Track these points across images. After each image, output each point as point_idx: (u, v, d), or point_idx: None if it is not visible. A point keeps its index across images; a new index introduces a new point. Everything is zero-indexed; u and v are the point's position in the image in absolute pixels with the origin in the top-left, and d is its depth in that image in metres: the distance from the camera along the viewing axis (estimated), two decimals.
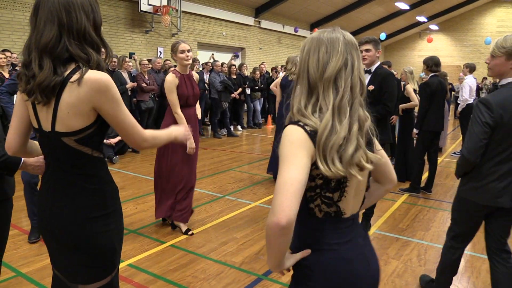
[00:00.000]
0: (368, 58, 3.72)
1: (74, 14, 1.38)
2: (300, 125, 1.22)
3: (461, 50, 23.91)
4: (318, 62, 1.27)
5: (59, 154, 1.48)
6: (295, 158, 1.17)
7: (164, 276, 3.13)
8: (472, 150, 2.31)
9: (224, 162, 7.27)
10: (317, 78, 1.26)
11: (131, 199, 4.98)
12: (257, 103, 11.52)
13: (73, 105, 1.38)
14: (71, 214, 1.48)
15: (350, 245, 1.32)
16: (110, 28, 10.28)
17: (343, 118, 1.22)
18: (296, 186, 1.14)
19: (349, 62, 1.28)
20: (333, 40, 1.30)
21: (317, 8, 17.12)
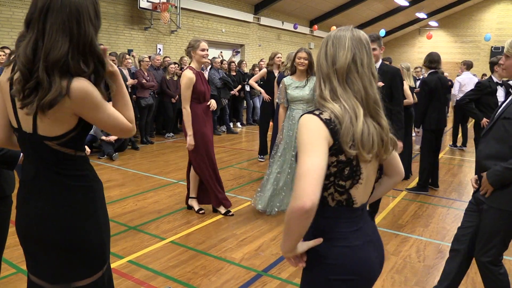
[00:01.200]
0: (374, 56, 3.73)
1: (83, 25, 1.34)
2: (315, 114, 1.30)
3: (461, 47, 23.88)
4: (326, 55, 1.39)
5: (41, 155, 1.45)
6: (315, 145, 1.24)
7: (164, 272, 3.15)
8: None
9: (224, 159, 7.28)
10: (329, 69, 1.37)
11: (131, 195, 4.99)
12: (257, 100, 11.51)
13: (53, 113, 1.34)
14: (58, 213, 1.45)
15: (360, 233, 1.39)
16: (109, 25, 10.26)
17: (360, 108, 1.33)
18: (319, 172, 1.20)
19: (357, 57, 1.37)
20: (340, 36, 1.40)
21: (316, 4, 17.09)
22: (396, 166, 1.57)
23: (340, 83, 1.35)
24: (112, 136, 6.98)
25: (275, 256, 3.48)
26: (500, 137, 2.25)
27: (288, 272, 3.21)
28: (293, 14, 17.39)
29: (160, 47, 11.63)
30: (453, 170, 6.88)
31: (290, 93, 4.38)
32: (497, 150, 2.25)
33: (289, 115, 4.46)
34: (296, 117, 4.40)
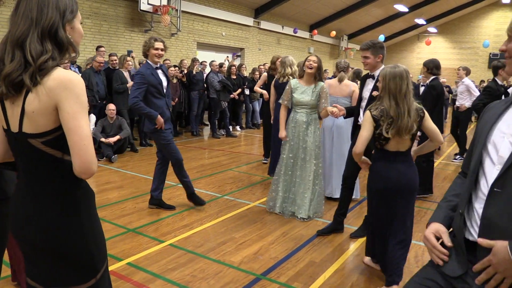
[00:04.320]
0: (367, 65, 3.75)
1: (46, 10, 1.38)
2: (370, 111, 2.83)
3: (459, 53, 24.01)
4: (396, 86, 2.79)
5: (27, 157, 1.44)
6: (366, 126, 2.83)
7: (163, 275, 3.15)
8: None
9: (223, 162, 7.29)
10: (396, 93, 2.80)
11: (129, 198, 4.99)
12: (256, 104, 11.54)
13: (37, 103, 1.35)
14: (42, 218, 1.44)
15: (390, 162, 2.89)
16: (109, 27, 10.28)
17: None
18: (366, 138, 2.84)
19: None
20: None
21: (316, 9, 17.16)
22: (434, 137, 3.00)
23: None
24: (111, 138, 6.98)
25: (274, 260, 3.49)
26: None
27: (287, 276, 3.22)
28: (293, 18, 17.45)
29: None
30: (451, 176, 6.90)
31: (295, 96, 4.41)
32: None
33: (293, 118, 4.49)
34: (299, 120, 4.43)
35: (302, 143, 4.43)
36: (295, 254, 3.62)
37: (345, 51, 21.64)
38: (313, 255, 3.63)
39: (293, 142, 4.47)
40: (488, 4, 22.57)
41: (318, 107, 4.43)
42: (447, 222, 1.56)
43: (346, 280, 3.23)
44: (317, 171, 4.47)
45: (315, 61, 4.34)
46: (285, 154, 4.51)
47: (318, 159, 4.48)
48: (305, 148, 4.43)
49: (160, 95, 4.33)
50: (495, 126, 1.46)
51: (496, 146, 1.42)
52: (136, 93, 4.15)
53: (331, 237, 4.04)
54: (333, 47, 21.60)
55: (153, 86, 4.24)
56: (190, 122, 10.21)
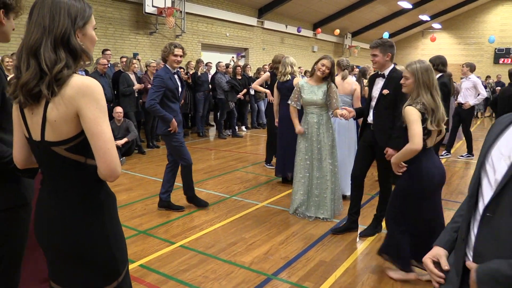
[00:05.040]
0: (376, 63, 3.75)
1: (58, 18, 1.38)
2: (414, 106, 2.83)
3: (464, 49, 23.88)
4: (429, 79, 2.89)
5: (51, 163, 1.47)
6: (417, 121, 2.79)
7: (175, 276, 3.19)
8: None
9: (230, 162, 7.32)
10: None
11: (139, 200, 5.04)
12: (261, 104, 11.55)
13: (58, 111, 1.37)
14: (67, 223, 1.46)
15: (430, 158, 2.95)
16: (115, 30, 10.35)
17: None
18: (421, 133, 2.78)
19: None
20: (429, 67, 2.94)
21: (320, 8, 17.14)
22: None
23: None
24: (119, 140, 7.03)
25: (284, 260, 3.51)
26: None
27: (297, 276, 3.24)
28: (297, 17, 17.45)
29: None
30: (459, 173, 6.89)
31: (304, 96, 4.42)
32: None
33: (305, 119, 4.51)
34: (311, 121, 4.45)
35: (316, 143, 4.45)
36: (305, 254, 3.65)
37: (349, 49, 21.61)
38: (323, 254, 3.65)
39: (308, 144, 4.49)
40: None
41: (329, 106, 4.43)
42: (450, 246, 1.51)
43: (357, 279, 3.25)
44: (333, 170, 4.48)
45: (328, 67, 4.33)
46: (301, 156, 4.52)
47: (333, 158, 4.49)
48: (319, 148, 4.44)
49: (175, 99, 4.43)
50: (495, 144, 1.34)
51: (494, 166, 1.30)
52: (154, 96, 4.25)
53: (341, 236, 4.06)
54: (337, 45, 21.56)
55: (170, 90, 4.33)
56: (196, 123, 10.25)
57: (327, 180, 4.43)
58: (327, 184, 4.43)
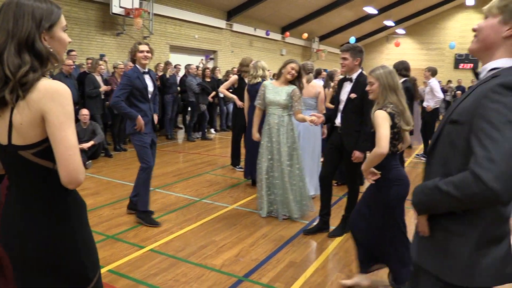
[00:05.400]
0: (345, 66, 3.85)
1: (21, 21, 1.35)
2: (384, 110, 2.79)
3: (427, 54, 24.71)
4: (394, 81, 2.92)
5: (18, 168, 1.43)
6: (385, 125, 2.74)
7: (146, 281, 3.15)
8: (507, 176, 1.17)
9: (199, 165, 7.29)
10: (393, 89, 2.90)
11: (106, 204, 4.94)
12: (230, 106, 11.55)
13: (24, 115, 1.33)
14: (34, 230, 1.43)
15: (400, 164, 2.95)
16: (80, 31, 10.11)
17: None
18: (388, 137, 2.72)
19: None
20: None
21: (288, 11, 17.33)
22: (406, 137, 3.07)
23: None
24: (85, 143, 6.87)
25: (255, 262, 3.54)
26: (443, 156, 1.45)
27: (268, 277, 3.27)
28: (265, 20, 17.57)
29: None
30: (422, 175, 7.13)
31: (268, 96, 4.49)
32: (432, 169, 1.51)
33: (266, 120, 4.57)
34: (271, 122, 4.50)
35: (275, 144, 4.51)
36: (275, 255, 3.68)
37: (316, 52, 21.93)
38: (293, 255, 3.70)
39: (269, 145, 4.55)
40: (453, 6, 23.32)
41: (291, 109, 4.51)
42: None
43: (326, 278, 3.31)
44: (293, 172, 4.53)
45: (297, 71, 4.43)
46: (263, 157, 4.58)
47: (292, 159, 4.55)
48: (278, 149, 4.50)
49: (144, 99, 4.35)
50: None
51: None
52: (119, 93, 4.20)
53: (310, 237, 4.12)
54: (305, 48, 21.85)
55: (137, 90, 4.27)
56: (165, 126, 10.15)
57: (286, 182, 4.49)
58: (286, 185, 4.49)
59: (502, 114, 1.20)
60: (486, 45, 1.36)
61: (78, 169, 1.37)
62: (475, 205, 1.26)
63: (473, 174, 1.19)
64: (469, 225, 1.33)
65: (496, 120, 1.20)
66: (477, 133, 1.23)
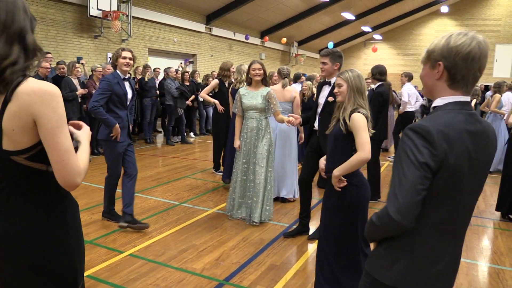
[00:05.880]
0: (324, 71, 3.92)
1: (18, 13, 1.33)
2: (361, 113, 2.72)
3: (403, 59, 25.22)
4: (361, 84, 2.84)
5: (10, 172, 1.38)
6: (366, 128, 2.70)
7: (125, 286, 3.12)
8: (405, 208, 1.36)
9: (179, 169, 7.25)
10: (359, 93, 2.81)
11: (84, 209, 4.86)
12: (210, 110, 11.52)
13: (17, 119, 1.29)
14: (28, 234, 1.39)
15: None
16: (57, 33, 9.93)
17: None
18: (369, 141, 2.69)
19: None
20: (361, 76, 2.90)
21: (267, 16, 17.44)
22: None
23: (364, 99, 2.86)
24: None
25: (235, 265, 3.54)
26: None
27: (249, 280, 3.28)
28: (245, 25, 17.63)
29: (110, 56, 11.37)
30: None
31: (244, 102, 4.53)
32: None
33: (244, 124, 4.60)
34: (250, 126, 4.54)
35: (253, 148, 4.55)
36: (256, 258, 3.70)
37: (295, 57, 22.11)
38: (274, 258, 3.72)
39: (246, 148, 4.58)
40: (428, 13, 23.90)
41: (269, 110, 4.56)
42: None
43: (306, 280, 3.34)
44: (266, 175, 4.56)
45: (259, 68, 4.49)
46: (240, 160, 4.61)
47: (267, 163, 4.58)
48: (255, 152, 4.54)
49: (122, 106, 4.28)
50: None
51: None
52: (98, 98, 4.11)
53: (290, 240, 4.15)
54: (284, 53, 22.00)
55: (117, 96, 4.19)
56: (143, 130, 10.05)
57: (258, 184, 4.52)
58: (259, 188, 4.52)
59: (405, 152, 1.38)
60: (428, 89, 1.54)
61: (74, 173, 1.34)
62: (390, 233, 1.47)
63: (385, 207, 1.41)
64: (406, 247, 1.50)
65: (401, 158, 1.39)
66: (393, 169, 1.44)
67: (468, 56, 1.38)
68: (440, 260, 1.47)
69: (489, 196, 6.19)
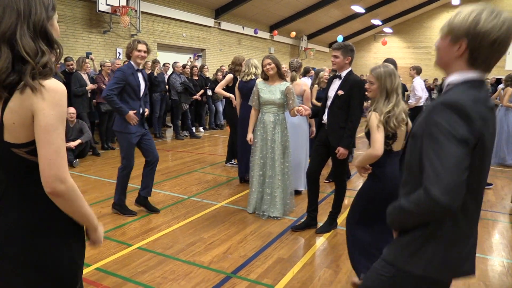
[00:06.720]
0: (336, 64, 3.89)
1: (34, 4, 1.28)
2: (376, 112, 2.80)
3: (414, 52, 24.95)
4: (392, 83, 2.84)
5: (9, 163, 1.35)
6: (379, 128, 2.75)
7: (133, 279, 3.15)
8: (453, 188, 1.25)
9: (188, 163, 7.28)
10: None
11: (94, 203, 4.91)
12: (219, 104, 11.55)
13: (17, 114, 1.27)
14: (27, 227, 1.35)
15: (395, 164, 2.82)
16: (66, 28, 10.00)
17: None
18: (383, 139, 2.75)
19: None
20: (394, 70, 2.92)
21: (276, 10, 17.35)
22: None
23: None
24: (72, 142, 6.82)
25: (243, 258, 3.55)
26: (408, 162, 1.51)
27: (256, 273, 3.29)
28: (254, 19, 17.57)
29: (119, 51, 11.45)
30: None
31: (262, 96, 4.49)
32: (407, 181, 1.50)
33: (261, 119, 4.56)
34: (267, 120, 4.51)
35: (270, 143, 4.52)
36: (263, 252, 3.70)
37: (305, 51, 22.00)
38: (281, 251, 3.73)
39: (262, 143, 4.55)
40: (439, 5, 23.60)
41: (286, 106, 4.52)
42: None
43: (314, 274, 3.34)
44: (284, 170, 4.56)
45: (270, 63, 4.45)
46: (257, 155, 4.58)
47: (285, 157, 4.57)
48: (273, 147, 4.51)
49: (136, 96, 4.38)
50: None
51: None
52: (113, 87, 4.21)
53: (298, 233, 4.15)
54: (293, 47, 21.90)
55: (130, 86, 4.30)
56: (153, 124, 10.10)
57: (278, 180, 4.51)
58: (278, 183, 4.51)
59: (443, 129, 1.27)
60: (443, 63, 1.44)
61: (56, 177, 1.27)
62: (432, 218, 1.37)
63: (425, 190, 1.28)
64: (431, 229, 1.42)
65: (438, 135, 1.28)
66: (424, 149, 1.33)
67: (495, 41, 1.29)
68: (467, 242, 1.43)
69: (500, 189, 6.12)
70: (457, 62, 1.38)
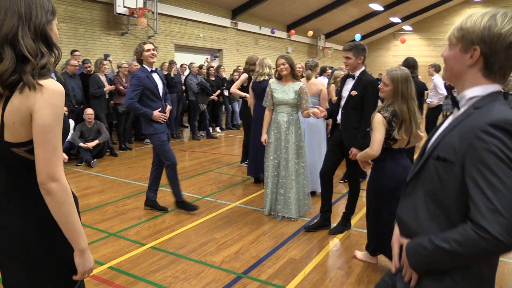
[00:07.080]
0: (349, 65, 3.85)
1: (34, 7, 1.33)
2: (381, 113, 2.93)
3: (434, 50, 24.48)
4: (408, 89, 2.93)
5: (10, 163, 1.39)
6: (380, 128, 2.91)
7: (145, 278, 3.18)
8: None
9: (203, 163, 7.32)
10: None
11: (110, 202, 4.99)
12: (236, 105, 11.58)
13: (17, 113, 1.30)
14: (27, 226, 1.38)
15: (396, 160, 3.03)
16: (85, 31, 10.18)
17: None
18: (381, 141, 2.90)
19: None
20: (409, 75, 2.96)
21: (293, 9, 17.30)
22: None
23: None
24: (90, 143, 6.93)
25: (254, 259, 3.55)
26: (432, 190, 1.32)
27: (267, 274, 3.28)
28: (270, 19, 17.56)
29: None
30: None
31: (276, 96, 4.47)
32: (430, 213, 1.32)
33: (274, 118, 4.55)
34: (281, 121, 4.49)
35: (284, 143, 4.49)
36: (275, 252, 3.69)
37: (322, 50, 21.87)
38: (293, 252, 3.71)
39: (276, 143, 4.53)
40: (460, 2, 23.13)
41: (299, 107, 4.49)
42: None
43: (325, 275, 3.31)
44: (299, 170, 4.53)
45: (284, 63, 4.41)
46: (270, 156, 4.57)
47: (300, 158, 4.54)
48: (287, 147, 4.48)
49: (156, 97, 4.47)
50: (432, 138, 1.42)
51: None
52: (132, 94, 4.31)
53: (311, 234, 4.12)
54: (311, 46, 21.79)
55: (148, 89, 4.38)
56: (170, 125, 10.17)
57: (292, 180, 4.48)
58: (292, 183, 4.48)
59: (498, 158, 1.12)
60: (454, 75, 1.33)
61: (50, 175, 1.31)
62: (484, 258, 1.22)
63: (478, 228, 1.12)
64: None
65: (493, 165, 1.12)
66: (475, 179, 1.15)
67: (511, 46, 1.18)
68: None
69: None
70: (471, 72, 1.27)
